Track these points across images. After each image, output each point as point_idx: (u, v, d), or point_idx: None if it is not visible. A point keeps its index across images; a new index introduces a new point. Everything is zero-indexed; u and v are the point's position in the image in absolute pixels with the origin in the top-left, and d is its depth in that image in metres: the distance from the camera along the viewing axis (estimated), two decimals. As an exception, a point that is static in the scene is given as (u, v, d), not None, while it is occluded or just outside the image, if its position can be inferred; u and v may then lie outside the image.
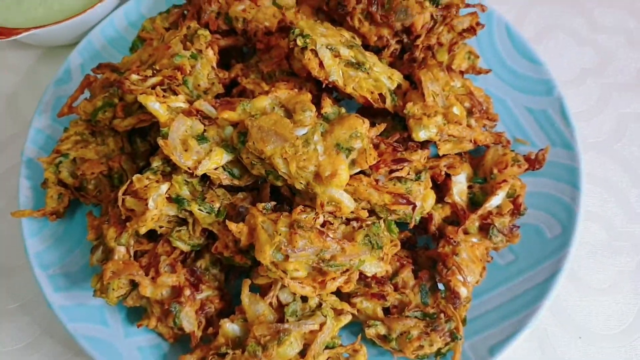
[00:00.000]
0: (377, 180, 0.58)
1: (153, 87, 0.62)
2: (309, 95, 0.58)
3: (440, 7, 0.68)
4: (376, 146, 0.61)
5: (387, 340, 0.59)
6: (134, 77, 0.62)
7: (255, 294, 0.58)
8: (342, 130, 0.55)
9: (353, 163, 0.55)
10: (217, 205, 0.59)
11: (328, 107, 0.58)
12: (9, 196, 0.78)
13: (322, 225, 0.56)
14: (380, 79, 0.64)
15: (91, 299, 0.64)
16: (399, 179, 0.59)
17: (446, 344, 0.59)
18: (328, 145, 0.55)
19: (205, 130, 0.58)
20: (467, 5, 0.70)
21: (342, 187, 0.55)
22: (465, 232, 0.63)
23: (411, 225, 0.60)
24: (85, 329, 0.62)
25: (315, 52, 0.61)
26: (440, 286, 0.62)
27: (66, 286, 0.65)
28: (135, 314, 0.64)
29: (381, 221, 0.60)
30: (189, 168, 0.57)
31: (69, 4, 0.85)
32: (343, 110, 0.59)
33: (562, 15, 0.90)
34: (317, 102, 0.68)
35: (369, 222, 0.59)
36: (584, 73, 0.84)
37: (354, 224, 0.58)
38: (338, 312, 0.59)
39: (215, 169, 0.58)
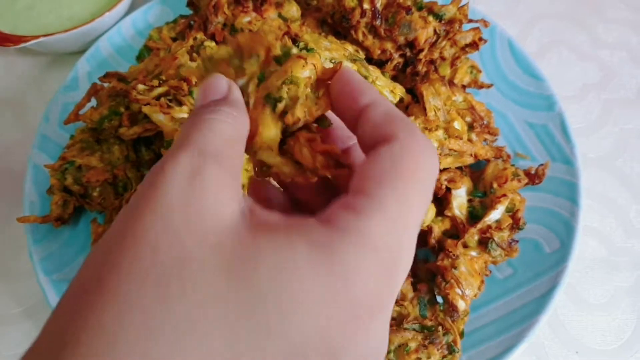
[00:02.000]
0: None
1: (159, 96, 0.63)
2: (274, 34, 0.37)
3: (443, 22, 0.68)
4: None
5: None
6: (141, 87, 0.63)
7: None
8: (278, 75, 0.36)
9: (284, 115, 0.35)
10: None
11: (277, 48, 0.36)
12: (14, 202, 0.78)
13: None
14: (382, 92, 0.65)
15: (94, 305, 0.65)
16: (400, 191, 0.60)
17: (444, 357, 0.59)
18: (259, 97, 0.36)
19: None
20: (470, 21, 0.71)
21: (270, 149, 0.35)
22: (465, 246, 0.64)
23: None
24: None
25: (319, 66, 0.61)
26: (439, 299, 0.63)
27: (69, 292, 0.66)
28: (137, 321, 0.65)
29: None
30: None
31: (78, 12, 0.87)
32: (295, 50, 0.37)
33: (566, 31, 0.91)
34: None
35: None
36: (586, 89, 0.85)
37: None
38: (337, 323, 0.59)
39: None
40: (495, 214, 0.64)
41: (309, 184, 0.33)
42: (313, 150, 0.31)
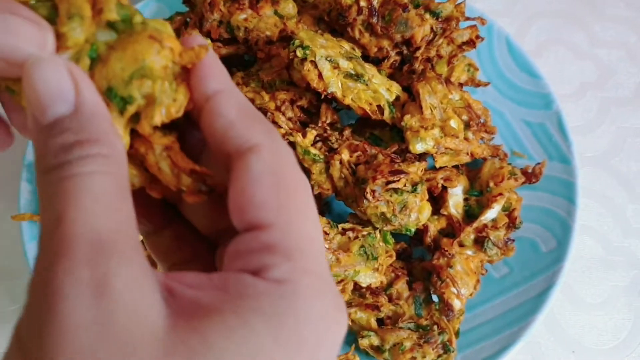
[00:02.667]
0: (373, 191, 0.59)
1: None
2: None
3: (440, 19, 0.68)
4: (374, 157, 0.62)
5: (380, 351, 0.60)
6: None
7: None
8: (122, 61, 0.24)
9: (135, 119, 0.24)
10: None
11: (112, 9, 0.24)
12: (9, 199, 0.78)
13: (318, 236, 0.56)
14: (378, 90, 0.65)
15: (88, 304, 0.64)
16: (396, 190, 0.60)
17: (439, 356, 0.59)
18: (96, 86, 0.24)
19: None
20: (467, 18, 0.70)
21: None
22: (461, 245, 0.63)
23: None
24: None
25: (314, 64, 0.61)
26: (435, 298, 0.63)
27: (64, 290, 0.66)
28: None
29: (377, 232, 0.60)
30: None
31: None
32: (139, 18, 0.24)
33: (563, 29, 0.90)
34: (316, 112, 0.68)
35: (365, 233, 0.59)
36: (583, 87, 0.85)
37: (350, 234, 0.59)
38: (332, 322, 0.59)
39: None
40: (492, 213, 0.64)
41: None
42: (175, 166, 0.24)
